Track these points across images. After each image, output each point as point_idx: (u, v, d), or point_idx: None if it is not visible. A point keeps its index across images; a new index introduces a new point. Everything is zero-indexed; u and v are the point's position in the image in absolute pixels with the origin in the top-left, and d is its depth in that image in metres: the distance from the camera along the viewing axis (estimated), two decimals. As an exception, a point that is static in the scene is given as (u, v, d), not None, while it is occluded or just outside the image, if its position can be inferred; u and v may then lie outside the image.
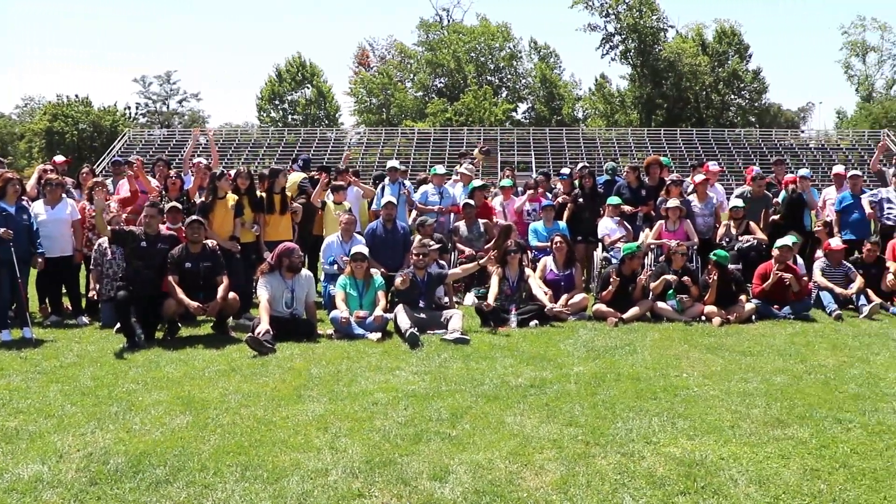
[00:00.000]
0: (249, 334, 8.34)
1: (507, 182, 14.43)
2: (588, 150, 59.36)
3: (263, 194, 10.89)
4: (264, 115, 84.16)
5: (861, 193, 12.51)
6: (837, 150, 60.75)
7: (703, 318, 10.18)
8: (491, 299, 9.94)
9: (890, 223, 12.21)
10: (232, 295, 9.16)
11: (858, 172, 13.15)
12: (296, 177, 12.62)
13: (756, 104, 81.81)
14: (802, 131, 78.48)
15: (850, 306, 10.99)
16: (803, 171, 13.46)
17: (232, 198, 10.45)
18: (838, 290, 10.98)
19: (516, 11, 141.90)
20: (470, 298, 11.44)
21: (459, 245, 12.42)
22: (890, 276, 11.09)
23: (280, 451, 5.21)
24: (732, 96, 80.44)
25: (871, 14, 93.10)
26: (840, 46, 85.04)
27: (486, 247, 11.97)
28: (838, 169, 13.79)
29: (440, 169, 13.79)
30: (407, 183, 13.71)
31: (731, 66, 77.82)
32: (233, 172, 11.02)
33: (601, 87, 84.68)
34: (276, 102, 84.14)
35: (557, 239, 11.04)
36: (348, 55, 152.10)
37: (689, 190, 13.09)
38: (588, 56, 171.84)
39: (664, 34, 78.07)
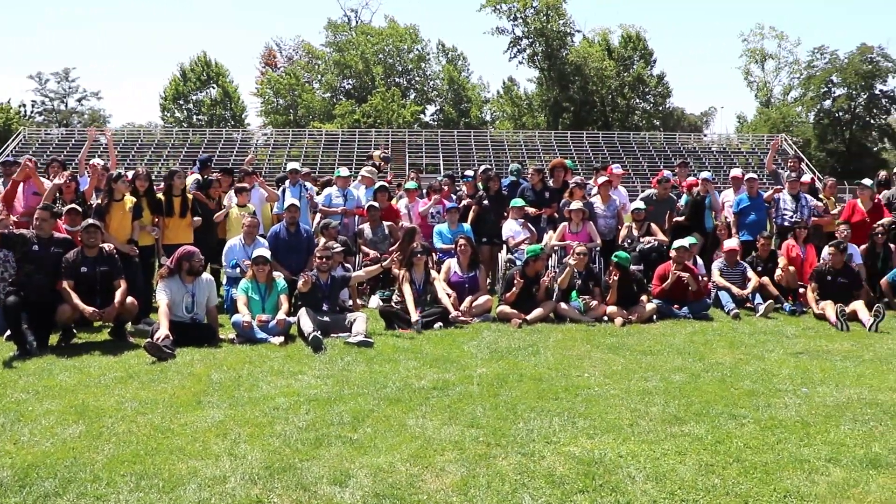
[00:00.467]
0: (148, 340, 8.15)
1: (411, 185, 14.41)
2: (496, 153, 59.95)
3: (162, 196, 10.65)
4: (168, 115, 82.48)
5: (757, 196, 12.94)
6: (738, 154, 62.56)
7: (606, 318, 10.35)
8: (412, 311, 9.86)
9: (786, 224, 12.64)
10: (130, 299, 8.89)
11: (755, 175, 13.57)
12: (192, 179, 12.38)
13: (660, 108, 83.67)
14: (705, 135, 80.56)
15: (748, 305, 11.34)
16: (705, 174, 13.81)
17: (130, 200, 10.16)
18: (735, 289, 11.30)
19: (424, 14, 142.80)
20: (375, 301, 11.41)
21: (364, 248, 12.36)
22: (778, 272, 11.51)
23: (177, 458, 5.08)
24: (637, 100, 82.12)
25: (770, 23, 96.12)
26: (740, 53, 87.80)
27: (390, 249, 11.94)
28: (735, 172, 14.30)
29: (344, 171, 13.71)
30: (308, 185, 13.57)
31: (636, 71, 79.47)
32: (130, 174, 10.73)
33: (509, 90, 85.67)
34: (181, 102, 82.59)
35: (462, 241, 11.04)
36: (255, 55, 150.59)
37: (593, 192, 13.30)
38: (496, 59, 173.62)
39: (571, 38, 79.28)
